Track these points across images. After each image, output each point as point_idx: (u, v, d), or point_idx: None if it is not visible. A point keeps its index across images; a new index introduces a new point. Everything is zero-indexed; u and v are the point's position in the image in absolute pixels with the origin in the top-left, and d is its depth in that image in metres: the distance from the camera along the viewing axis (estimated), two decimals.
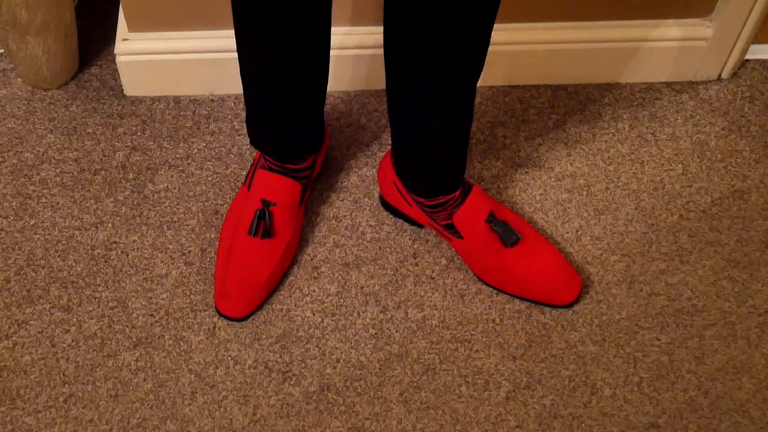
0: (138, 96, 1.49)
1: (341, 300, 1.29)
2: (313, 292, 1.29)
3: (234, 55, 1.41)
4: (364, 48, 1.43)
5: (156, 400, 1.21)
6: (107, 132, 1.45)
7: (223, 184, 1.39)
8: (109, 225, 1.35)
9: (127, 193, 1.38)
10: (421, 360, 1.24)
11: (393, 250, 1.33)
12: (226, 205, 1.37)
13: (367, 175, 1.40)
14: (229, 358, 1.24)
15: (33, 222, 1.35)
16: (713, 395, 1.22)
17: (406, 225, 1.35)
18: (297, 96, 1.18)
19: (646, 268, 1.32)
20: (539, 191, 1.39)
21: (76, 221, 1.35)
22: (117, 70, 1.52)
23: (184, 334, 1.26)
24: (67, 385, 1.22)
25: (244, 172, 1.40)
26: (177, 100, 1.49)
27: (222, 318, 1.27)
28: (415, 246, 1.33)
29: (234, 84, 1.47)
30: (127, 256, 1.32)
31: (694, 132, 1.46)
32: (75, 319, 1.27)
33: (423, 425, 1.19)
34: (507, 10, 1.40)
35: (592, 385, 1.22)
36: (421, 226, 1.34)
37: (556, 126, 1.46)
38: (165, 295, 1.29)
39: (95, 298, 1.29)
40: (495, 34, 1.10)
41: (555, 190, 1.39)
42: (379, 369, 1.23)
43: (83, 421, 1.19)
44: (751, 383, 1.23)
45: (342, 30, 1.42)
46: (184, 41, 1.43)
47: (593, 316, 1.28)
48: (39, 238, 1.34)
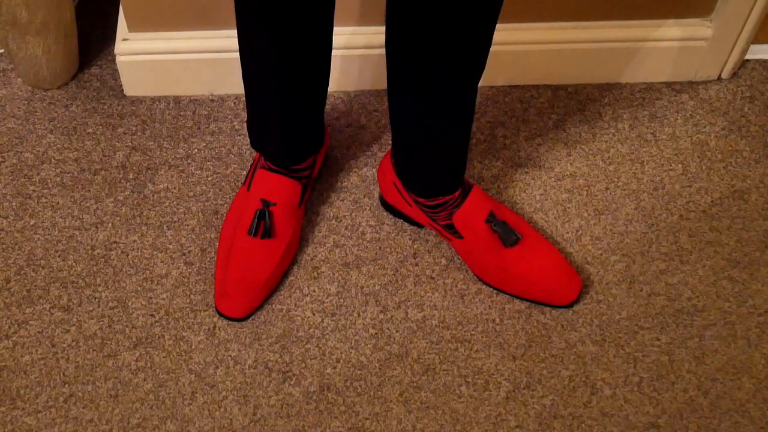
0: (138, 96, 1.49)
1: (341, 300, 1.29)
2: (313, 292, 1.29)
3: (234, 55, 1.41)
4: (369, 48, 1.43)
5: (156, 400, 1.21)
6: (107, 132, 1.45)
7: (223, 184, 1.39)
8: (109, 225, 1.35)
9: (127, 193, 1.38)
10: (421, 360, 1.24)
11: (393, 250, 1.33)
12: (226, 205, 1.37)
13: (367, 175, 1.40)
14: (229, 358, 1.24)
15: (33, 222, 1.35)
16: (713, 395, 1.22)
17: (406, 225, 1.35)
18: (298, 96, 1.18)
19: (646, 268, 1.32)
20: (539, 191, 1.39)
21: (76, 221, 1.35)
22: (117, 70, 1.52)
23: (184, 334, 1.26)
24: (67, 385, 1.22)
25: (244, 172, 1.40)
26: (177, 100, 1.49)
27: (222, 318, 1.27)
28: (415, 246, 1.33)
29: (234, 84, 1.47)
30: (127, 256, 1.32)
31: (694, 132, 1.46)
32: (75, 319, 1.27)
33: (423, 425, 1.19)
34: (507, 10, 1.40)
35: (592, 385, 1.22)
36: (421, 226, 1.34)
37: (556, 126, 1.46)
38: (165, 295, 1.29)
39: (95, 298, 1.28)
40: (495, 34, 1.10)
41: (555, 190, 1.39)
42: (379, 369, 1.23)
43: (83, 421, 1.19)
44: (751, 383, 1.23)
45: (347, 30, 1.42)
46: (184, 41, 1.43)
47: (593, 316, 1.28)
48: (39, 238, 1.34)
